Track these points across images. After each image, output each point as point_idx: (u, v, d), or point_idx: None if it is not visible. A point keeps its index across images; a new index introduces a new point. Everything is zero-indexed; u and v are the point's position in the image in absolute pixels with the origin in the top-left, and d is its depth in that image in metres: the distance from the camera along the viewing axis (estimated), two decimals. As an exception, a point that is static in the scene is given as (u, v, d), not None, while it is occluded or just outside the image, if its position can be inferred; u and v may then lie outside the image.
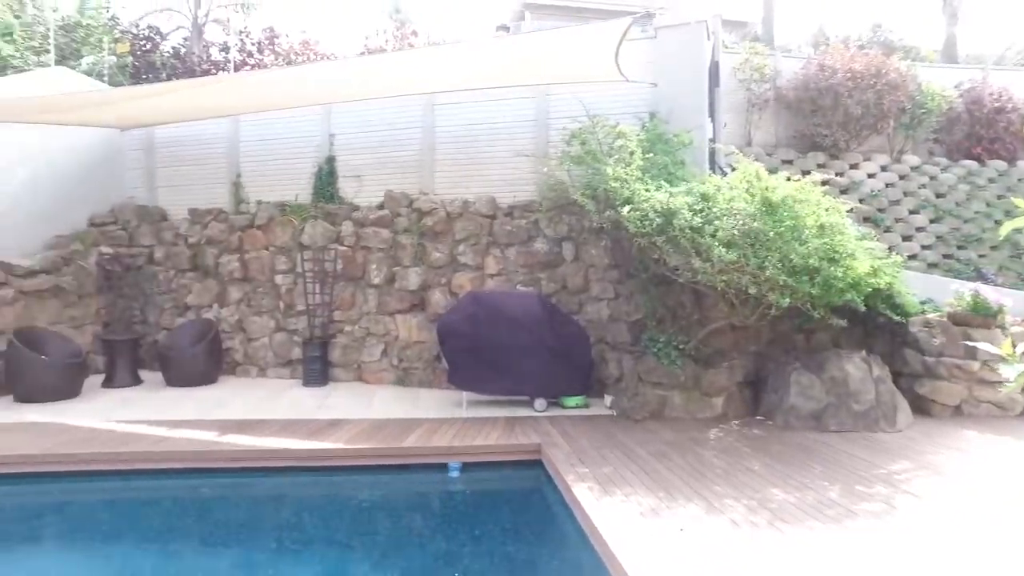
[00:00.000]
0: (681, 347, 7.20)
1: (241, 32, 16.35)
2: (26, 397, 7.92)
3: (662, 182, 6.91)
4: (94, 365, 9.38)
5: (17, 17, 14.60)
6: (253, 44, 15.63)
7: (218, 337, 9.53)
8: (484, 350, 7.39)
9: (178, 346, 9.24)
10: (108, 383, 8.95)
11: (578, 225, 8.65)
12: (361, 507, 5.79)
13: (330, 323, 9.39)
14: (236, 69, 14.69)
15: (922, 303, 7.87)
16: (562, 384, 7.58)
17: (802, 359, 7.13)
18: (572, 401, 7.62)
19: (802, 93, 11.27)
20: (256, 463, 5.90)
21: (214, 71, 14.44)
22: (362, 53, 14.83)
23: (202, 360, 9.14)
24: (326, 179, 9.95)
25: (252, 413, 7.35)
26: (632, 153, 7.22)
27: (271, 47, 15.33)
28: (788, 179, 6.58)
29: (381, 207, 9.50)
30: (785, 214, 6.16)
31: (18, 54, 12.95)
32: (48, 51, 12.65)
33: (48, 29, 13.58)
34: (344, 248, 9.44)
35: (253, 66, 15.06)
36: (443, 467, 6.01)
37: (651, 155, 7.40)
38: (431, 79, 8.49)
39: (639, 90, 8.43)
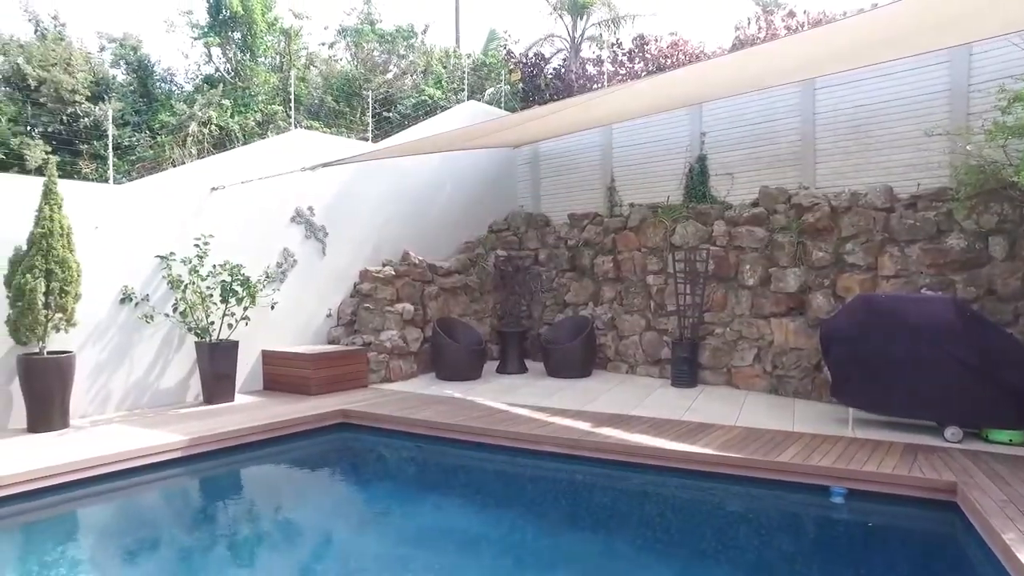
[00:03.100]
0: None
1: (613, 45, 17.29)
2: (444, 375, 9.57)
3: None
4: (490, 352, 10.87)
5: (444, 67, 18.08)
6: (624, 54, 16.35)
7: (593, 333, 10.18)
8: (877, 362, 6.37)
9: (558, 340, 10.15)
10: (501, 369, 10.30)
11: (1014, 215, 6.92)
12: (729, 518, 5.48)
13: (700, 324, 9.22)
14: (609, 81, 15.54)
15: None
16: (986, 412, 6.11)
17: None
18: (1002, 435, 6.09)
19: None
20: (625, 458, 6.04)
21: (589, 85, 15.50)
22: (734, 45, 14.35)
23: (579, 354, 9.85)
24: (697, 179, 9.84)
25: (622, 408, 7.61)
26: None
27: (641, 54, 15.83)
28: None
29: (755, 204, 9.01)
30: None
31: (444, 96, 15.99)
32: (463, 89, 15.21)
33: (464, 72, 16.39)
34: (716, 248, 9.19)
35: (624, 76, 15.75)
36: (823, 490, 5.34)
37: None
38: (816, 62, 7.64)
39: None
